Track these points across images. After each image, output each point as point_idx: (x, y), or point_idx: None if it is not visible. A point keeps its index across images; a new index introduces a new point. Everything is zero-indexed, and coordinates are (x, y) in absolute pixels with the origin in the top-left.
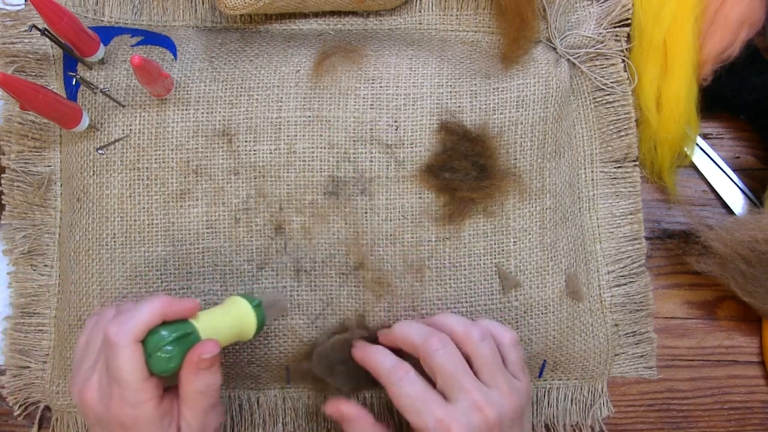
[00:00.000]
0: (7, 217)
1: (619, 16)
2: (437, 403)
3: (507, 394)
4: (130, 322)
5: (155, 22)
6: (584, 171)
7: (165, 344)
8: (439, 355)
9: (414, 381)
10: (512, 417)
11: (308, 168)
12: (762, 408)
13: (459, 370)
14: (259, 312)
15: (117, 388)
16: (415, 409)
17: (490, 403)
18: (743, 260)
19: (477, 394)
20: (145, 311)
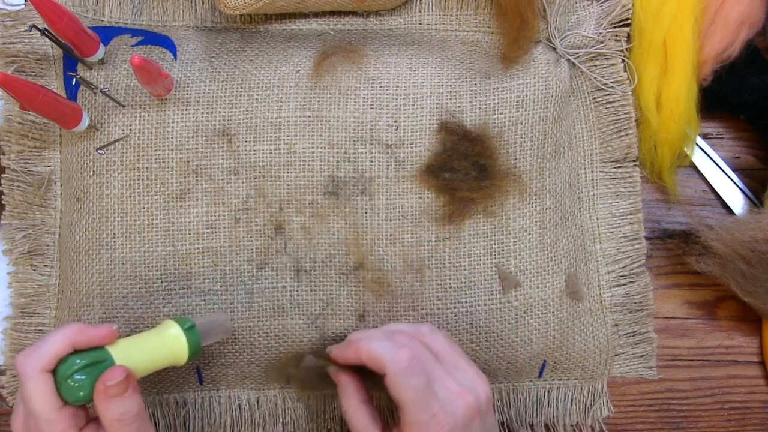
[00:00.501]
0: (7, 217)
1: (619, 16)
2: (434, 396)
3: (477, 378)
4: (36, 352)
5: (155, 22)
6: (584, 171)
7: (73, 372)
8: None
9: (420, 370)
10: (486, 400)
11: (308, 168)
12: (762, 408)
13: (436, 364)
14: (191, 335)
15: (32, 419)
16: (416, 403)
17: (466, 388)
18: (743, 260)
19: (452, 384)
20: (52, 340)
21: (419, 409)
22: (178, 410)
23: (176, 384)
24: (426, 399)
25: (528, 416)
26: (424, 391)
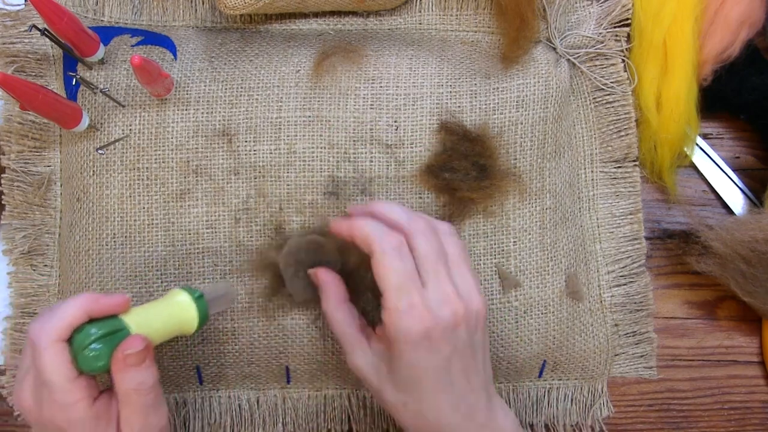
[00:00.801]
0: (7, 217)
1: (619, 16)
2: (417, 287)
3: (474, 289)
4: (51, 321)
5: (155, 22)
6: (584, 171)
7: (91, 342)
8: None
9: (405, 256)
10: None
11: (308, 168)
12: (762, 408)
13: (440, 258)
14: (200, 304)
15: (46, 390)
16: (398, 286)
17: (460, 297)
18: (743, 260)
19: (449, 287)
20: (67, 309)
21: (398, 295)
22: (178, 410)
23: (176, 384)
24: (407, 286)
25: (528, 416)
26: (406, 278)
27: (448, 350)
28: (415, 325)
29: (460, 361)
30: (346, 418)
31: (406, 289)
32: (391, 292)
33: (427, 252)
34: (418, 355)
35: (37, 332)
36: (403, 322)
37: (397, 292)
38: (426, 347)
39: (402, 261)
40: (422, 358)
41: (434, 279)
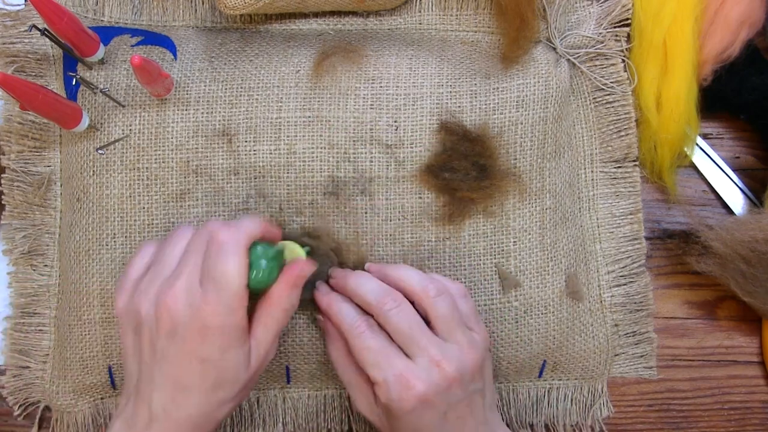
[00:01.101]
0: (7, 217)
1: (619, 16)
2: (398, 357)
3: (466, 349)
4: (241, 229)
5: (155, 22)
6: (584, 171)
7: (267, 257)
8: (393, 314)
9: (375, 335)
10: (472, 371)
11: (308, 168)
12: (762, 408)
13: (414, 329)
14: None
15: (215, 293)
16: (375, 362)
17: (449, 358)
18: (743, 260)
19: (434, 350)
20: (251, 224)
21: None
22: None
23: None
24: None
25: (528, 416)
26: (380, 353)
27: (443, 407)
28: (406, 393)
29: (456, 412)
30: (346, 418)
31: (384, 361)
32: (371, 369)
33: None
34: (414, 417)
35: (226, 236)
36: (393, 393)
37: (377, 367)
38: (421, 410)
39: (373, 339)
40: (418, 419)
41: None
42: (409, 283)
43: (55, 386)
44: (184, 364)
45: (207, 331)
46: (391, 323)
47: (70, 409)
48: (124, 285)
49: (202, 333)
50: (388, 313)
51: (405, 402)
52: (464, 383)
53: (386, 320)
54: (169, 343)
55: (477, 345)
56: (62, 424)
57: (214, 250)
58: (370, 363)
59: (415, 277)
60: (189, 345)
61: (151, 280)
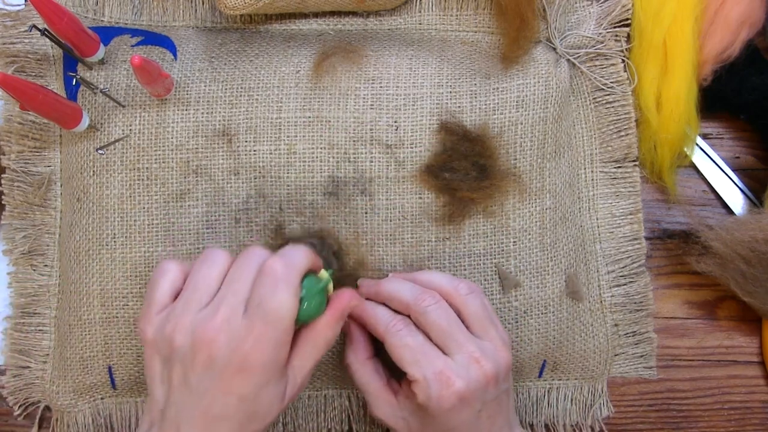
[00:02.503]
0: (7, 217)
1: (619, 16)
2: (437, 355)
3: (500, 346)
4: (296, 262)
5: (155, 22)
6: (584, 171)
7: (317, 291)
8: (432, 311)
9: (414, 332)
10: (506, 369)
11: (308, 168)
12: (762, 408)
13: (453, 325)
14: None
15: (264, 325)
16: (415, 360)
17: (486, 355)
18: (743, 260)
19: (473, 347)
20: (304, 256)
21: (419, 367)
22: None
23: None
24: (425, 357)
25: (528, 416)
26: (419, 351)
27: (478, 406)
28: (446, 390)
29: (488, 410)
30: (346, 418)
31: (424, 359)
32: (410, 366)
33: (440, 319)
34: (451, 415)
35: (282, 267)
36: (432, 390)
37: (416, 365)
38: (459, 408)
39: (412, 336)
40: (455, 417)
41: (455, 346)
42: (440, 283)
43: (55, 386)
44: (219, 398)
45: (247, 367)
46: (429, 320)
47: (70, 409)
48: (152, 310)
49: (241, 369)
50: (427, 309)
51: (445, 400)
52: (498, 382)
53: (425, 317)
54: (204, 377)
55: (507, 343)
56: (62, 424)
57: (270, 282)
58: (409, 361)
59: (444, 277)
60: (226, 380)
61: (185, 306)
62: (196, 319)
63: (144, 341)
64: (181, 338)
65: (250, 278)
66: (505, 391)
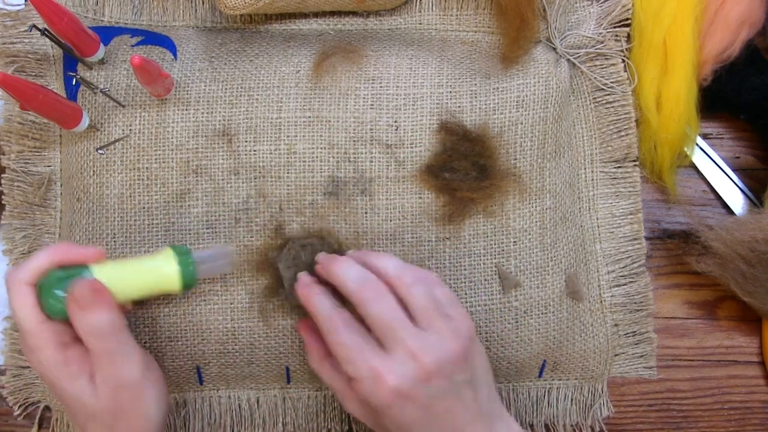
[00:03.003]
0: (7, 217)
1: (619, 16)
2: (373, 352)
3: (447, 338)
4: (23, 266)
5: (155, 22)
6: (584, 171)
7: (51, 285)
8: (372, 305)
9: (350, 329)
10: (453, 361)
11: (308, 168)
12: (762, 408)
13: (393, 318)
14: (185, 262)
15: (21, 333)
16: (350, 358)
17: (427, 349)
18: (743, 260)
19: (412, 342)
20: (37, 256)
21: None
22: (178, 410)
23: (176, 384)
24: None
25: (528, 416)
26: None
27: (424, 401)
28: (379, 388)
29: (443, 404)
30: (346, 418)
31: (359, 358)
32: (346, 365)
33: (380, 314)
34: (395, 411)
35: (8, 276)
36: (369, 389)
37: (351, 363)
38: (401, 405)
39: (348, 335)
40: (400, 413)
41: (393, 341)
42: (386, 270)
43: None
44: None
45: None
46: (370, 313)
47: None
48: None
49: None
50: (367, 303)
51: (380, 398)
52: (446, 375)
53: (365, 310)
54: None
55: (459, 333)
56: (62, 424)
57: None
58: (344, 359)
59: (391, 263)
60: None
61: None
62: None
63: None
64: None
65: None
66: (464, 383)
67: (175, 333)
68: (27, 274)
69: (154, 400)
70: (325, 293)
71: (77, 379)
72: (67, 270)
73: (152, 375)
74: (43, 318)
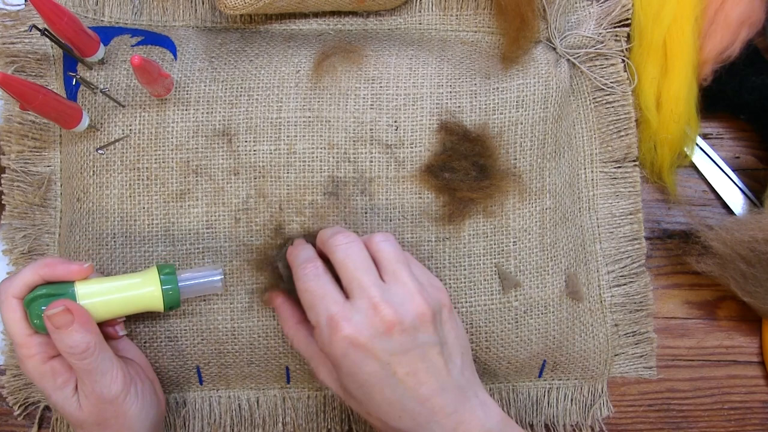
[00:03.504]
0: (7, 217)
1: (619, 16)
2: (334, 300)
3: (413, 293)
4: (11, 279)
5: (155, 22)
6: (584, 171)
7: (33, 300)
8: (341, 249)
9: (318, 276)
10: (417, 317)
11: (308, 168)
12: (762, 408)
13: (360, 267)
14: (169, 281)
15: (13, 344)
16: (312, 305)
17: (389, 301)
18: (743, 260)
19: (375, 291)
20: (25, 270)
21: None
22: (178, 410)
23: (176, 384)
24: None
25: (528, 416)
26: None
27: (384, 356)
28: (335, 335)
29: (404, 365)
30: (346, 418)
31: (321, 304)
32: (308, 311)
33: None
34: (350, 361)
35: (0, 288)
36: (324, 335)
37: (312, 309)
38: (354, 355)
39: (315, 281)
40: (357, 368)
41: (358, 288)
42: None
43: None
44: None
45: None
46: (338, 259)
47: None
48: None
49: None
50: (337, 248)
51: (334, 346)
52: (407, 330)
53: (334, 256)
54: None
55: (428, 296)
56: (62, 424)
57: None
58: (307, 305)
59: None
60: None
61: None
62: None
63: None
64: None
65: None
66: (429, 345)
67: (175, 333)
68: (15, 288)
69: (138, 411)
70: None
71: (62, 390)
72: (52, 286)
73: (136, 387)
74: (30, 331)
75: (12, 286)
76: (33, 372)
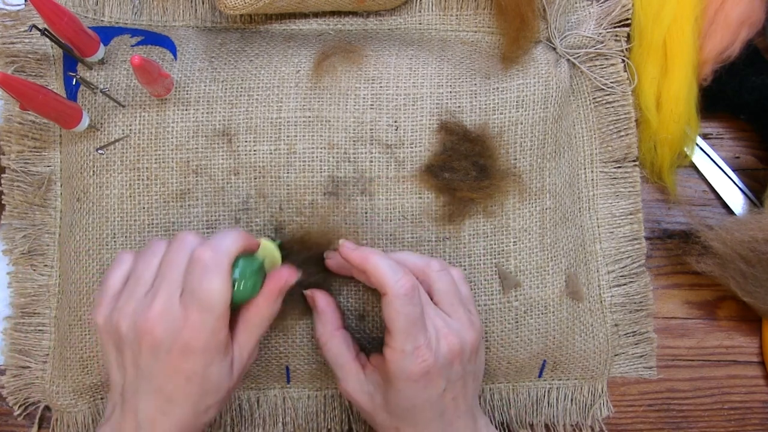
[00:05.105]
0: (7, 217)
1: (619, 16)
2: (423, 330)
3: (467, 325)
4: (224, 248)
5: (155, 22)
6: (584, 171)
7: (250, 271)
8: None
9: (418, 302)
10: (471, 348)
11: (308, 168)
12: (762, 408)
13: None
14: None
15: (198, 312)
16: (405, 330)
17: (453, 331)
18: (743, 260)
19: (440, 323)
20: (235, 240)
21: (407, 338)
22: None
23: None
24: (416, 330)
25: (528, 416)
26: (416, 322)
27: (443, 384)
28: (418, 365)
29: (452, 391)
30: (346, 418)
31: (414, 333)
32: (399, 335)
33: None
34: (416, 390)
35: (212, 256)
36: (407, 363)
37: (405, 336)
38: (424, 384)
39: (413, 306)
40: (419, 393)
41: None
42: (413, 261)
43: (55, 386)
44: (169, 379)
45: (189, 351)
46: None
47: (70, 409)
48: (103, 299)
49: (183, 353)
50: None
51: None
52: (464, 361)
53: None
54: (152, 361)
55: (476, 325)
56: (62, 424)
57: (198, 270)
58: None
59: (415, 256)
60: (172, 363)
61: (129, 296)
62: (137, 307)
63: (97, 328)
64: (126, 326)
65: (182, 266)
66: (470, 373)
67: None
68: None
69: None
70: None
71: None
72: (248, 258)
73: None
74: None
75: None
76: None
